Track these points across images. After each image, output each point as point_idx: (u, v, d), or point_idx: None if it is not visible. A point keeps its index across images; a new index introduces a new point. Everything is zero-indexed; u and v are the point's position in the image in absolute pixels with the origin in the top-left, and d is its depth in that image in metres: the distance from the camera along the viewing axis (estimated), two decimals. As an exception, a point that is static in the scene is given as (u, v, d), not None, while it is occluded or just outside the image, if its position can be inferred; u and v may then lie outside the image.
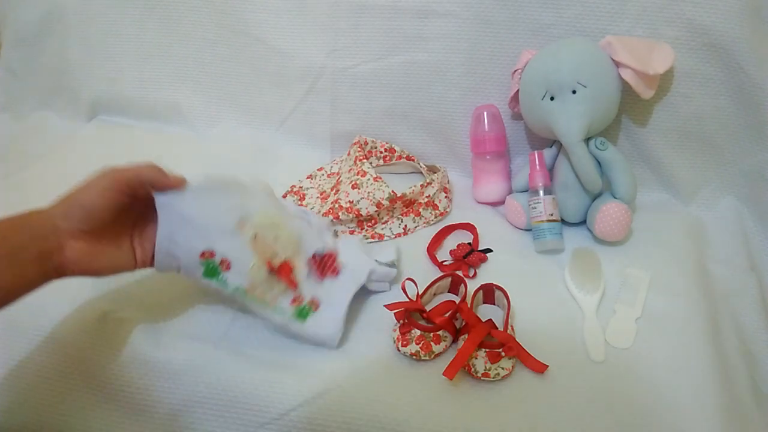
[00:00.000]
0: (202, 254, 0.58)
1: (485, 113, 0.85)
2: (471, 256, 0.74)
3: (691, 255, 0.75)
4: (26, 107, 1.10)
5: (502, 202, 0.85)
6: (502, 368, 0.59)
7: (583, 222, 0.79)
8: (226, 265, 0.59)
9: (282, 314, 0.62)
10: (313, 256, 0.66)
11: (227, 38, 0.97)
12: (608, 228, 0.73)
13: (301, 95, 0.96)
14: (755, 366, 0.65)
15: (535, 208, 0.77)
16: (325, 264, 0.67)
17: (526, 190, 0.80)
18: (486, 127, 0.85)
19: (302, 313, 0.63)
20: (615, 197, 0.75)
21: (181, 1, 0.97)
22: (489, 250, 0.76)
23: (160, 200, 0.56)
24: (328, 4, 0.90)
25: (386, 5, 0.87)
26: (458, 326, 0.64)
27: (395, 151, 0.92)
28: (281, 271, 0.62)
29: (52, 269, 0.51)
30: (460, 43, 0.86)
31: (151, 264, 0.59)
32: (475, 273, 0.74)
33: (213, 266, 0.59)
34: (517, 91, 0.80)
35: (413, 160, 0.91)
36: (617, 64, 0.74)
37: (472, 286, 0.68)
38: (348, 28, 0.90)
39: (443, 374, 0.58)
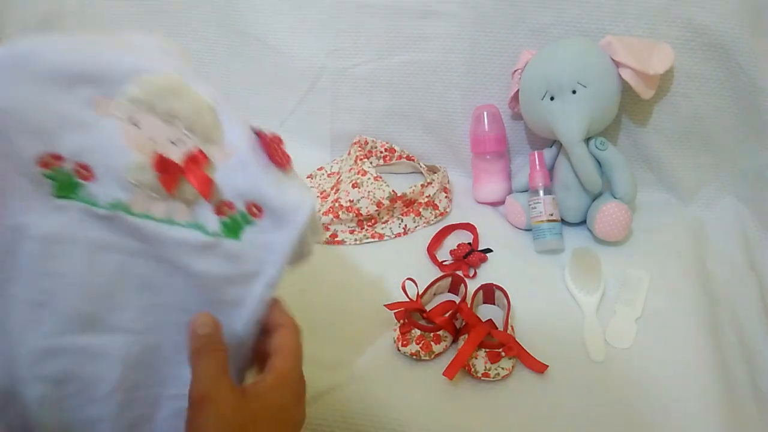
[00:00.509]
0: (42, 162, 0.37)
1: (485, 113, 0.85)
2: (471, 256, 0.74)
3: (691, 255, 0.75)
4: (26, 107, 1.10)
5: (502, 202, 0.85)
6: (502, 368, 0.59)
7: (583, 222, 0.79)
8: (85, 170, 0.38)
9: (200, 231, 0.41)
10: (259, 132, 0.44)
11: (227, 38, 0.97)
12: (608, 228, 0.73)
13: (301, 95, 0.96)
14: (755, 366, 0.65)
15: (535, 208, 0.77)
16: (273, 147, 0.44)
17: (526, 190, 0.80)
18: (486, 127, 0.85)
19: (233, 226, 0.42)
20: (615, 197, 0.75)
21: (181, 1, 0.97)
22: (489, 250, 0.76)
23: None
24: (328, 4, 0.90)
25: (386, 5, 0.87)
26: (458, 326, 0.65)
27: (395, 150, 0.92)
28: (189, 167, 0.40)
29: None
30: (460, 43, 0.86)
31: None
32: (475, 273, 0.74)
33: (65, 176, 0.38)
34: (517, 91, 0.80)
35: (413, 160, 0.91)
36: (617, 64, 0.74)
37: (472, 286, 0.68)
38: (348, 28, 0.90)
39: (443, 374, 0.58)
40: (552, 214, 0.76)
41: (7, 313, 0.36)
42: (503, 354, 0.59)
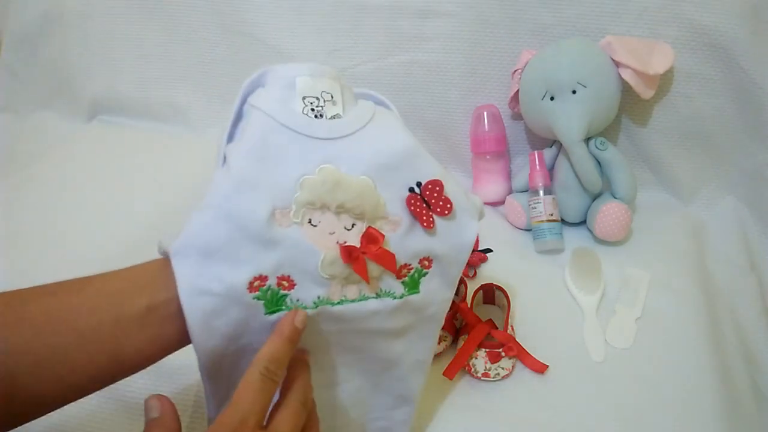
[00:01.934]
0: (250, 286, 0.41)
1: (485, 113, 0.85)
2: (471, 255, 0.74)
3: (691, 255, 0.75)
4: (26, 107, 1.10)
5: (502, 202, 0.85)
6: (502, 368, 0.59)
7: (583, 222, 0.79)
8: (287, 281, 0.42)
9: (390, 298, 0.45)
10: (410, 198, 0.44)
11: (227, 38, 0.97)
12: (608, 228, 0.73)
13: (301, 95, 0.96)
14: (755, 366, 0.65)
15: (535, 208, 0.77)
16: (431, 198, 0.45)
17: (526, 190, 0.80)
18: (486, 127, 0.85)
19: (412, 283, 0.46)
20: (615, 197, 0.75)
21: (182, 2, 0.97)
22: (489, 250, 0.76)
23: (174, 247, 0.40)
24: (328, 4, 0.90)
25: (386, 5, 0.87)
26: (458, 326, 0.65)
27: (395, 151, 0.92)
28: (369, 248, 0.43)
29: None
30: (460, 43, 0.86)
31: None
32: (475, 273, 0.74)
33: (273, 293, 0.41)
34: (517, 91, 0.80)
35: (413, 160, 0.91)
36: (617, 64, 0.74)
37: (472, 286, 0.68)
38: (348, 28, 0.90)
39: (443, 374, 0.58)
40: (552, 214, 0.76)
41: None
42: (503, 354, 0.59)
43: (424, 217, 0.45)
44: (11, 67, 1.09)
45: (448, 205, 0.45)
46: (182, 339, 0.40)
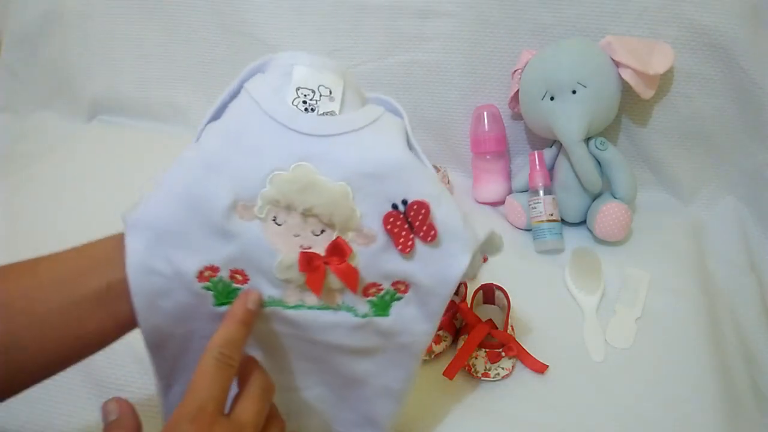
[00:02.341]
0: (200, 275, 0.39)
1: (485, 113, 0.85)
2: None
3: (691, 255, 0.75)
4: (26, 107, 1.10)
5: (502, 202, 0.85)
6: (502, 368, 0.59)
7: (583, 222, 0.79)
8: (239, 275, 0.40)
9: (351, 314, 0.42)
10: (389, 215, 0.40)
11: (227, 38, 0.97)
12: (608, 228, 0.73)
13: (301, 95, 0.96)
14: (755, 366, 0.65)
15: (535, 208, 0.77)
16: (415, 220, 0.41)
17: (526, 190, 0.80)
18: (486, 127, 0.85)
19: (381, 305, 0.42)
20: (615, 197, 0.75)
21: (182, 2, 0.97)
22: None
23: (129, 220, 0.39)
24: (328, 4, 0.90)
25: (386, 5, 0.87)
26: (458, 326, 0.65)
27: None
28: (332, 260, 0.40)
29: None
30: (460, 43, 0.86)
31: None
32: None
33: (224, 285, 0.40)
34: (517, 91, 0.80)
35: (413, 160, 0.91)
36: (617, 64, 0.74)
37: (472, 286, 0.68)
38: (348, 28, 0.90)
39: (443, 374, 0.58)
40: (552, 214, 0.76)
41: None
42: (503, 354, 0.59)
43: (401, 239, 0.40)
44: (11, 67, 1.09)
45: (432, 232, 0.40)
46: (135, 318, 0.39)
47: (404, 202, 0.40)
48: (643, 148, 0.83)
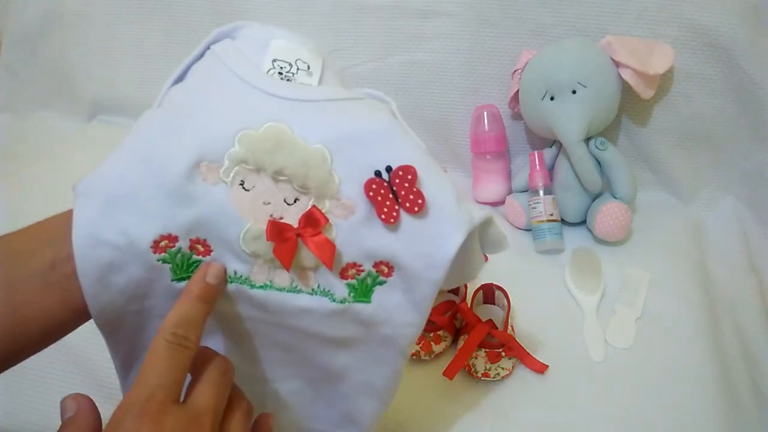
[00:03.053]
0: (156, 245, 0.35)
1: (485, 113, 0.85)
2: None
3: (691, 255, 0.75)
4: (26, 107, 1.10)
5: (502, 202, 0.85)
6: (502, 368, 0.59)
7: (583, 222, 0.79)
8: (201, 245, 0.36)
9: (327, 298, 0.37)
10: (371, 181, 0.36)
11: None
12: (608, 228, 0.73)
13: (301, 95, 0.96)
14: (755, 366, 0.65)
15: (535, 208, 0.77)
16: (400, 189, 0.36)
17: (526, 190, 0.80)
18: (486, 127, 0.85)
19: (362, 289, 0.38)
20: (615, 197, 0.75)
21: (182, 2, 0.97)
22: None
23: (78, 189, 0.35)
24: (328, 4, 0.90)
25: (386, 5, 0.87)
26: (458, 326, 0.65)
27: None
28: (306, 231, 0.35)
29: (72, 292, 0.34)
30: (460, 43, 0.86)
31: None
32: (475, 273, 0.74)
33: (183, 257, 0.35)
34: (517, 91, 0.80)
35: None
36: (617, 64, 0.74)
37: (472, 286, 0.68)
38: (348, 28, 0.90)
39: (443, 374, 0.58)
40: (552, 214, 0.76)
41: None
42: (503, 354, 0.59)
43: (385, 209, 0.36)
44: (11, 67, 1.09)
45: (419, 201, 0.36)
46: None
47: (388, 169, 0.36)
48: (643, 148, 0.83)
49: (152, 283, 0.36)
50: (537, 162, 0.79)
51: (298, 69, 0.38)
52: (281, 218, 0.36)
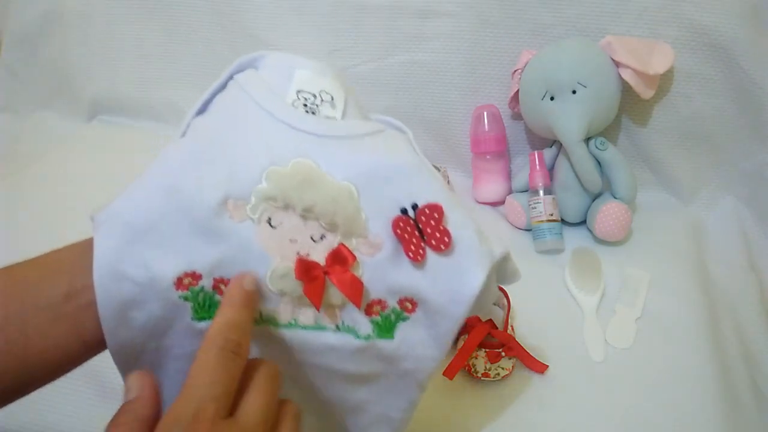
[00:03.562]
0: (179, 282, 0.34)
1: (485, 113, 0.85)
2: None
3: (691, 255, 0.75)
4: (26, 107, 1.10)
5: (502, 202, 0.85)
6: (502, 368, 0.59)
7: (583, 222, 0.79)
8: (225, 285, 0.35)
9: (351, 335, 0.37)
10: (399, 219, 0.36)
11: (227, 38, 0.97)
12: (608, 228, 0.73)
13: (301, 95, 0.95)
14: (755, 366, 0.65)
15: (535, 208, 0.77)
16: (426, 226, 0.36)
17: (526, 190, 0.80)
18: (486, 127, 0.85)
19: (386, 326, 0.38)
20: (615, 197, 0.75)
21: (182, 2, 0.97)
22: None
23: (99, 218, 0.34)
24: (328, 4, 0.90)
25: (386, 5, 0.87)
26: (458, 326, 0.64)
27: (395, 151, 0.92)
28: (334, 269, 0.35)
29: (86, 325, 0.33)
30: (460, 43, 0.85)
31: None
32: (475, 273, 0.73)
33: (206, 297, 0.35)
34: (517, 91, 0.80)
35: (413, 160, 0.91)
36: (617, 64, 0.74)
37: (472, 286, 0.68)
38: (348, 28, 0.90)
39: (443, 374, 0.58)
40: (552, 214, 0.76)
41: None
42: (503, 354, 0.59)
43: (412, 246, 0.36)
44: (11, 67, 1.09)
45: (446, 239, 0.36)
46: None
47: (414, 207, 0.36)
48: (643, 148, 0.83)
49: (172, 321, 0.35)
50: (537, 162, 0.79)
51: (322, 100, 0.38)
52: (308, 255, 0.35)
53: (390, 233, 0.36)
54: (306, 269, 0.35)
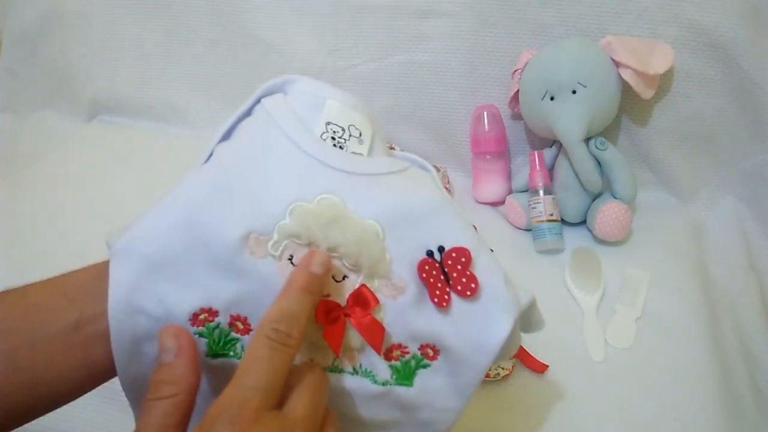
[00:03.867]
0: (194, 318, 0.33)
1: (485, 113, 0.85)
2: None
3: (691, 255, 0.75)
4: (26, 107, 1.10)
5: (502, 202, 0.85)
6: (502, 368, 0.59)
7: (583, 222, 0.79)
8: (241, 323, 0.34)
9: (369, 380, 0.36)
10: (425, 262, 0.35)
11: (227, 38, 0.97)
12: (608, 228, 0.73)
13: (301, 95, 0.95)
14: (755, 366, 0.65)
15: (535, 208, 0.77)
16: (452, 271, 0.36)
17: (526, 190, 0.80)
18: (486, 127, 0.85)
19: (405, 372, 0.36)
20: (615, 197, 0.75)
21: (182, 2, 0.97)
22: (489, 250, 0.76)
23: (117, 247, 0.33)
24: (328, 4, 0.90)
25: (386, 5, 0.87)
26: (458, 326, 0.64)
27: (395, 150, 0.92)
28: (355, 312, 0.34)
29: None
30: (460, 43, 0.86)
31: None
32: (475, 273, 0.73)
33: (221, 334, 0.34)
34: (517, 91, 0.80)
35: (413, 160, 0.91)
36: (617, 64, 0.74)
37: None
38: (348, 28, 0.90)
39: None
40: (552, 214, 0.76)
41: None
42: (503, 354, 0.59)
43: (437, 291, 0.34)
44: (11, 67, 1.09)
45: (472, 285, 0.35)
46: (113, 365, 0.33)
47: (440, 250, 0.35)
48: (643, 148, 0.83)
49: None
50: (537, 162, 0.79)
51: (350, 135, 0.37)
52: (328, 295, 0.34)
53: (414, 276, 0.35)
54: (327, 311, 0.33)
